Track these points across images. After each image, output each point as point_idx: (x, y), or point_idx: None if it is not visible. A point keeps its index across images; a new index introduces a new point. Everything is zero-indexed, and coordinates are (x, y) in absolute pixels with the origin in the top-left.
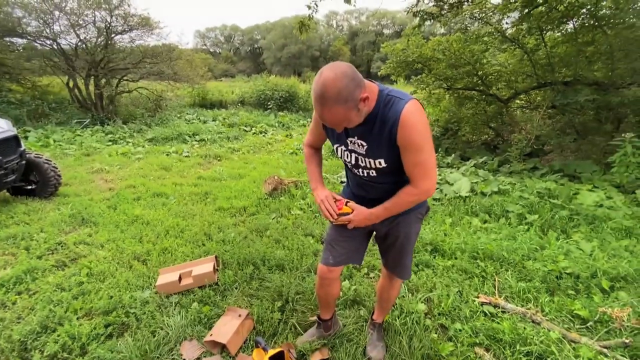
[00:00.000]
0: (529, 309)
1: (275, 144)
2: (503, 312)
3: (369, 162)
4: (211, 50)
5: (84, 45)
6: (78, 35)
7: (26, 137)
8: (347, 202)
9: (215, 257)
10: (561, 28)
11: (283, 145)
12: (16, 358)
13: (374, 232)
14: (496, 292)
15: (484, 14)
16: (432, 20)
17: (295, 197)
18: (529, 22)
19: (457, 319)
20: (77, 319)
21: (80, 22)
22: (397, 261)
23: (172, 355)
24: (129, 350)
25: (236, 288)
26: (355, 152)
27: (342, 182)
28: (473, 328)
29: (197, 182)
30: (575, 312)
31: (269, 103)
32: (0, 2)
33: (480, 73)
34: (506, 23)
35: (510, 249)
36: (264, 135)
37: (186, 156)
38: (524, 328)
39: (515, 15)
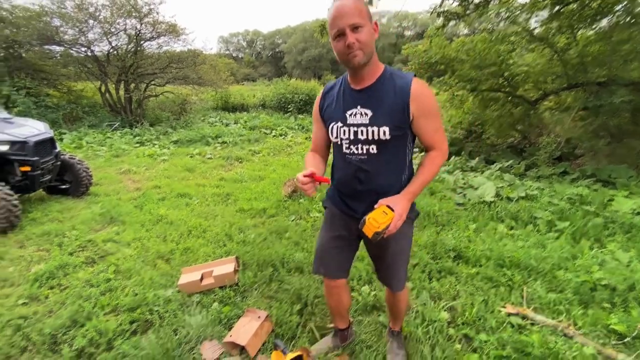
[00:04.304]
0: (560, 321)
1: (295, 147)
2: (532, 324)
3: (372, 131)
4: (234, 55)
5: (115, 52)
6: (110, 43)
7: (61, 139)
8: (384, 211)
9: (236, 257)
10: (594, 26)
11: (302, 147)
12: (46, 351)
13: (362, 239)
14: (524, 302)
15: (510, 13)
16: (456, 20)
17: (315, 200)
18: (559, 21)
19: (482, 330)
20: (104, 314)
21: (113, 30)
22: (390, 270)
23: (192, 355)
24: (152, 348)
25: (256, 289)
26: (354, 125)
27: None
28: (499, 340)
29: (219, 184)
30: (611, 326)
31: (289, 106)
32: (40, 12)
33: (506, 74)
34: (534, 22)
35: (539, 258)
36: (283, 138)
37: (209, 158)
38: (555, 342)
39: (544, 13)
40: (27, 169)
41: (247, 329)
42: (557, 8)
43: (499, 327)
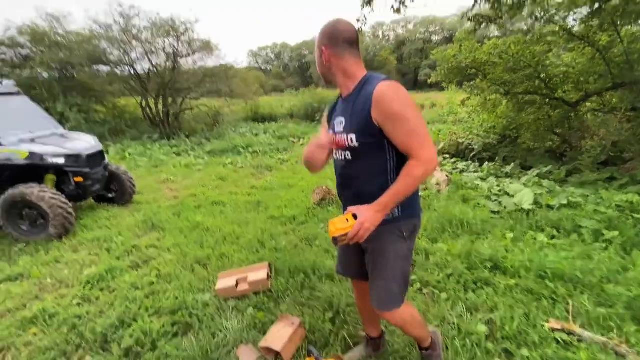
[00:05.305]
0: (611, 338)
1: None
2: (579, 340)
3: (344, 138)
4: (262, 67)
5: (155, 69)
6: (151, 61)
7: (107, 152)
8: (347, 219)
9: (269, 264)
10: None
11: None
12: (98, 349)
13: None
14: (570, 317)
15: (546, 12)
16: (488, 24)
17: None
18: (600, 18)
19: (523, 345)
20: (149, 316)
21: (153, 50)
22: (372, 282)
23: (230, 358)
24: (192, 350)
25: (288, 296)
26: (337, 132)
27: None
28: (543, 356)
29: (250, 192)
30: None
31: (316, 115)
32: (90, 36)
33: (542, 75)
34: (573, 20)
35: (586, 270)
36: None
37: (240, 167)
38: None
39: (584, 11)
40: (80, 179)
41: (281, 335)
42: (597, 5)
43: (542, 343)
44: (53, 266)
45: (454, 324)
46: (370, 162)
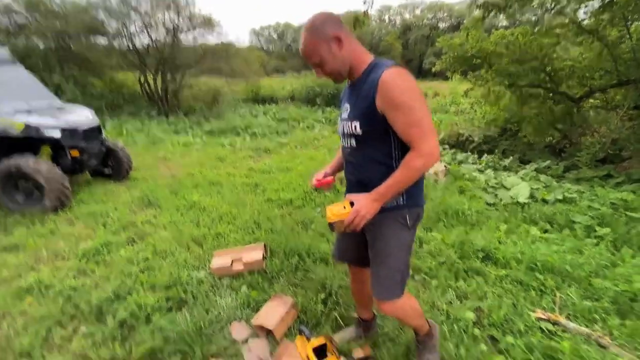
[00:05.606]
0: (594, 330)
1: (322, 140)
2: (563, 331)
3: (349, 125)
4: (265, 47)
5: (154, 44)
6: (150, 35)
7: (104, 126)
8: (344, 206)
9: (264, 245)
10: None
11: (329, 141)
12: (93, 320)
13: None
14: (556, 308)
15: (556, 4)
16: (498, 13)
17: (340, 193)
18: (611, 12)
19: (509, 332)
20: (144, 290)
21: (152, 23)
22: (373, 271)
23: (223, 334)
24: (186, 325)
25: (282, 277)
26: (344, 119)
27: None
28: (527, 344)
29: (248, 174)
30: None
31: (317, 99)
32: (87, 6)
33: (548, 69)
34: (583, 13)
35: (575, 264)
36: (311, 131)
37: (239, 148)
38: (588, 350)
39: (595, 4)
40: (77, 153)
41: (274, 314)
42: None
43: (527, 331)
44: (49, 238)
45: (443, 309)
46: (374, 150)
